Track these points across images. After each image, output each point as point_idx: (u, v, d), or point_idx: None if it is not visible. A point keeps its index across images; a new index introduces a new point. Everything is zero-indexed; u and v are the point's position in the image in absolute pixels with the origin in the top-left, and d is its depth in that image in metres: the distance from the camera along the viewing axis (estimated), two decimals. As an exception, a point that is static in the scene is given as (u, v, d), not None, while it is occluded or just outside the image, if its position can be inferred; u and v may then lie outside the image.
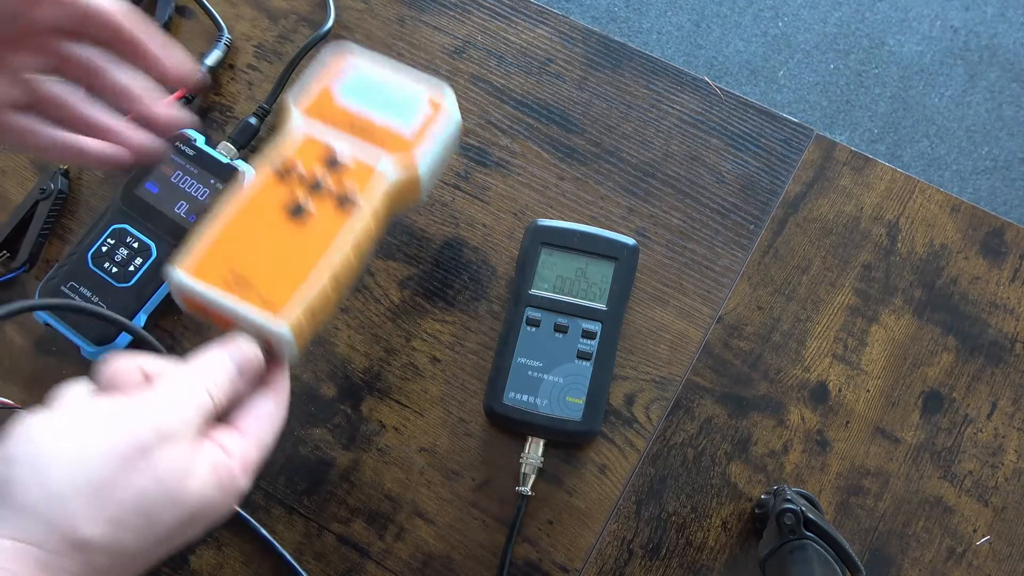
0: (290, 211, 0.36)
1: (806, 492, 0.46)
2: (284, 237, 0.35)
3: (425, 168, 0.39)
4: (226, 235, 0.35)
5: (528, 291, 0.47)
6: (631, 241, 0.48)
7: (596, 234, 0.48)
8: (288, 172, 0.37)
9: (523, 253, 0.48)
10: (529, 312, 0.47)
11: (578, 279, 0.47)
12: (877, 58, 1.63)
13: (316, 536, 0.47)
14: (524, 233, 0.49)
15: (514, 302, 0.47)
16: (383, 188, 0.37)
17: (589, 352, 0.46)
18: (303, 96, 0.40)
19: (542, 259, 0.48)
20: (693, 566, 0.45)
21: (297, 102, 0.40)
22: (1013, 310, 0.49)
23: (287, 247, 0.35)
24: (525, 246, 0.48)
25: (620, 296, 0.47)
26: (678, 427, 0.48)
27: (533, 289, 0.47)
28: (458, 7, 0.57)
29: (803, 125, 0.53)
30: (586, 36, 0.56)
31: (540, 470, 0.46)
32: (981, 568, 0.44)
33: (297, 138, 0.38)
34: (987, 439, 0.47)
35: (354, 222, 0.36)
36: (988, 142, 1.56)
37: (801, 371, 0.48)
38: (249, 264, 0.34)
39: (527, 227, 0.49)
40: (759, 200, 0.52)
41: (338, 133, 0.39)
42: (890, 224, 0.51)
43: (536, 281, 0.47)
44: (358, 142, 0.38)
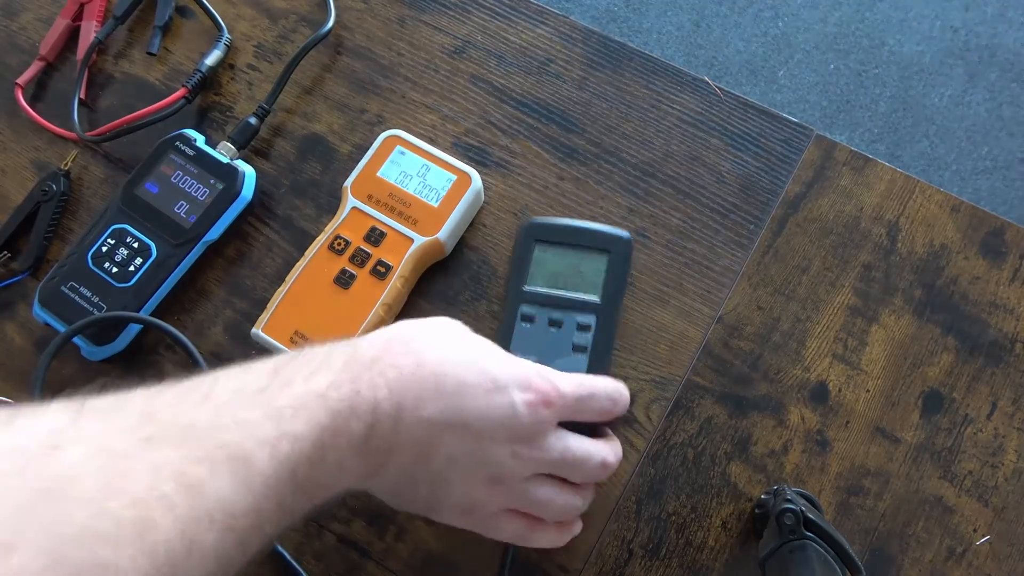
0: (338, 279, 0.48)
1: (806, 492, 0.46)
2: (333, 301, 0.48)
3: (447, 234, 0.49)
4: (289, 299, 0.48)
5: (522, 288, 0.47)
6: (624, 233, 0.48)
7: (588, 228, 0.48)
8: (337, 245, 0.49)
9: (517, 251, 0.48)
10: (523, 308, 0.47)
11: (572, 274, 0.47)
12: (877, 58, 1.63)
13: (316, 536, 0.47)
14: (518, 231, 0.49)
15: (509, 300, 0.47)
16: (413, 254, 0.48)
17: (584, 345, 0.46)
18: (353, 177, 0.50)
19: (535, 256, 0.48)
20: (693, 566, 0.45)
21: (349, 183, 0.50)
22: (1013, 310, 0.49)
23: (335, 310, 0.47)
24: (519, 244, 0.48)
25: (615, 288, 0.47)
26: (678, 427, 0.48)
27: (527, 286, 0.47)
28: (458, 7, 0.57)
29: (803, 125, 0.53)
30: (586, 36, 0.56)
31: (540, 470, 0.46)
32: (981, 568, 0.45)
33: (346, 214, 0.49)
34: (987, 439, 0.47)
35: (387, 287, 0.48)
36: (988, 142, 1.56)
37: (801, 371, 0.48)
38: (307, 324, 0.47)
39: (520, 225, 0.49)
40: (759, 200, 0.52)
41: (379, 209, 0.49)
42: (890, 224, 0.51)
43: (530, 278, 0.47)
44: (394, 216, 0.49)
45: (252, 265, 0.52)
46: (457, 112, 0.55)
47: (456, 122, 0.55)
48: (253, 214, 0.53)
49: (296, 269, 0.49)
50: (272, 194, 0.54)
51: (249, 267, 0.52)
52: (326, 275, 0.48)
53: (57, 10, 0.60)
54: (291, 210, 0.53)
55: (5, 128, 0.58)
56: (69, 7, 0.60)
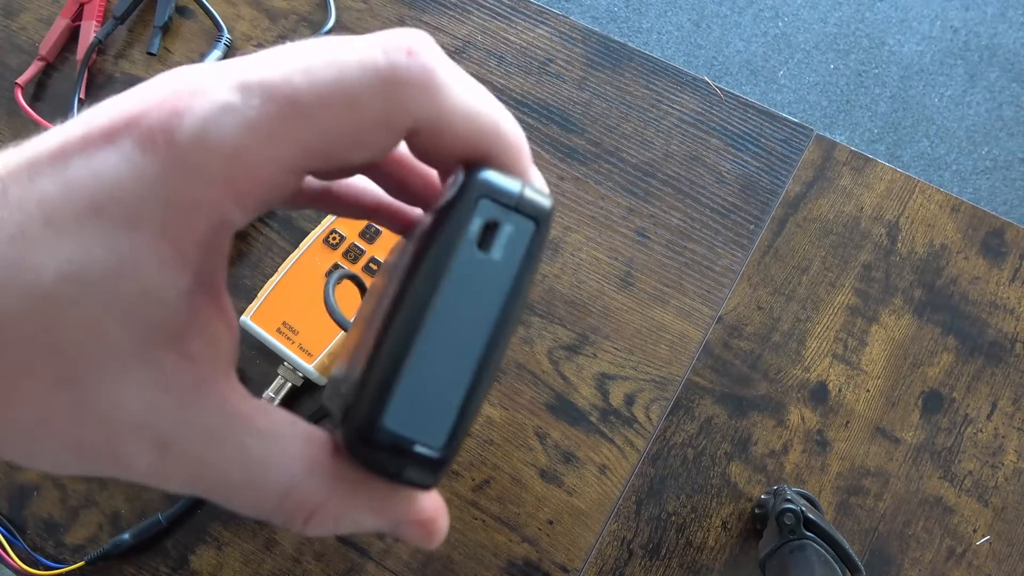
0: (329, 273, 0.47)
1: (806, 492, 0.46)
2: (322, 295, 0.45)
3: None
4: (279, 290, 0.48)
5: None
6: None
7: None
8: (332, 239, 0.48)
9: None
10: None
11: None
12: (877, 58, 1.63)
13: (316, 536, 0.47)
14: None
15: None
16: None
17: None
18: None
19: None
20: (693, 566, 0.45)
21: None
22: (1013, 310, 0.49)
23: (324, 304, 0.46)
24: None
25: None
26: (678, 427, 0.48)
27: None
28: (458, 7, 0.57)
29: (803, 125, 0.53)
30: (586, 36, 0.56)
31: (541, 470, 0.46)
32: (981, 568, 0.44)
33: None
34: (987, 439, 0.47)
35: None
36: (988, 142, 1.56)
37: (801, 371, 0.48)
38: (295, 316, 0.47)
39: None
40: (759, 200, 0.52)
41: None
42: (890, 224, 0.51)
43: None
44: None
45: (252, 265, 0.52)
46: (457, 112, 0.55)
47: (456, 122, 0.55)
48: (253, 214, 0.53)
49: (289, 260, 0.49)
50: (272, 194, 0.54)
51: (249, 267, 0.52)
52: (318, 268, 0.48)
53: (57, 10, 0.60)
54: (291, 210, 0.53)
55: (5, 128, 0.58)
56: (69, 7, 0.59)
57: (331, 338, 0.47)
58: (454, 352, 0.16)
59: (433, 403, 0.16)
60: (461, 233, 0.16)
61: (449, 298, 0.16)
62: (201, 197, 0.15)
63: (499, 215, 0.17)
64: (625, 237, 0.51)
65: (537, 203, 0.17)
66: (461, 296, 0.16)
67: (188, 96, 0.15)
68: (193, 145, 0.15)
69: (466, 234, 0.16)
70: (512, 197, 0.17)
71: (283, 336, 0.47)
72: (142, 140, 0.15)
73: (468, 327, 0.16)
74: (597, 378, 0.48)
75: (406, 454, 0.16)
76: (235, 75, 0.16)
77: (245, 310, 0.48)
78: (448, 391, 0.16)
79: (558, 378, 0.49)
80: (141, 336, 0.15)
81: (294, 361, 0.46)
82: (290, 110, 0.15)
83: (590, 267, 0.51)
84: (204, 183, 0.15)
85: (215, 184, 0.15)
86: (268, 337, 0.47)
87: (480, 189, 0.17)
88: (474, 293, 0.16)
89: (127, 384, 0.15)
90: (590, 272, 0.50)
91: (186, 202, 0.15)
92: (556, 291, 0.50)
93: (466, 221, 0.16)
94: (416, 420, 0.16)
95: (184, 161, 0.15)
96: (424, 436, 0.16)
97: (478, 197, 0.17)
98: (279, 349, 0.47)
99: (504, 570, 0.45)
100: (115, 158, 0.15)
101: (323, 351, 0.47)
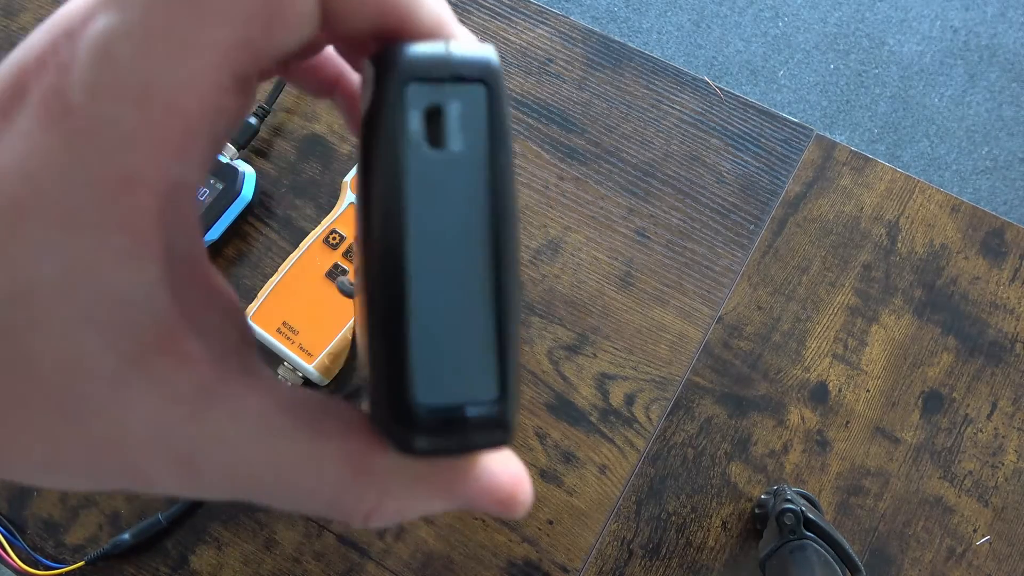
0: (330, 274, 0.47)
1: (806, 492, 0.46)
2: (323, 295, 0.47)
3: None
4: (279, 290, 0.47)
5: None
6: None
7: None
8: (332, 239, 0.48)
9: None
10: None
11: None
12: (877, 58, 1.63)
13: (316, 536, 0.47)
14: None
15: None
16: None
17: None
18: (354, 172, 0.48)
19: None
20: (693, 566, 0.45)
21: (349, 179, 0.49)
22: (1013, 310, 0.49)
23: (324, 304, 0.46)
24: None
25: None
26: (678, 427, 0.48)
27: None
28: (458, 7, 0.57)
29: (803, 125, 0.53)
30: (586, 36, 0.56)
31: (541, 470, 0.46)
32: (981, 568, 0.44)
33: (343, 209, 0.48)
34: (987, 439, 0.47)
35: None
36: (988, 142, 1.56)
37: (801, 371, 0.48)
38: (295, 316, 0.47)
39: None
40: (759, 200, 0.52)
41: None
42: (890, 224, 0.51)
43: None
44: None
45: (252, 265, 0.52)
46: (457, 112, 0.55)
47: (456, 122, 0.55)
48: (253, 214, 0.53)
49: (289, 260, 0.49)
50: (272, 194, 0.54)
51: (249, 267, 0.52)
52: (318, 268, 0.48)
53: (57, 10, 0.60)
54: (291, 210, 0.53)
55: (5, 128, 0.58)
56: (69, 7, 0.59)
57: (331, 338, 0.47)
58: (457, 282, 0.13)
59: (462, 350, 0.13)
60: (400, 138, 0.13)
61: (423, 223, 0.13)
62: (132, 165, 0.12)
63: (437, 96, 0.13)
64: (625, 237, 0.51)
65: (475, 60, 0.13)
66: (435, 213, 0.13)
67: (65, 41, 0.12)
68: (93, 104, 0.12)
69: (407, 137, 0.13)
70: (443, 65, 0.13)
71: (283, 336, 0.47)
72: (38, 115, 0.12)
73: (460, 247, 0.13)
74: (597, 378, 0.48)
75: (461, 423, 0.13)
76: None
77: (244, 310, 0.48)
78: (472, 328, 0.13)
79: (558, 378, 0.49)
80: (125, 348, 0.13)
81: (294, 361, 0.46)
82: (183, 0, 0.12)
83: (590, 267, 0.51)
84: (127, 146, 0.12)
85: (141, 143, 0.12)
86: (268, 337, 0.47)
87: (401, 73, 0.13)
88: (449, 203, 0.13)
89: (128, 404, 0.13)
90: (590, 272, 0.50)
91: (117, 177, 0.12)
92: (556, 291, 0.50)
93: (400, 121, 0.13)
94: (453, 379, 0.13)
95: (93, 128, 0.12)
96: (471, 392, 0.13)
97: (402, 83, 0.13)
98: (279, 349, 0.47)
99: (504, 570, 0.45)
100: (18, 144, 0.12)
101: (323, 351, 0.47)
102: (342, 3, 0.13)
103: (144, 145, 0.12)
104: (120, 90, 0.12)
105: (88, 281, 0.12)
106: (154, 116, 0.12)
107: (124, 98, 0.12)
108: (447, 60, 0.13)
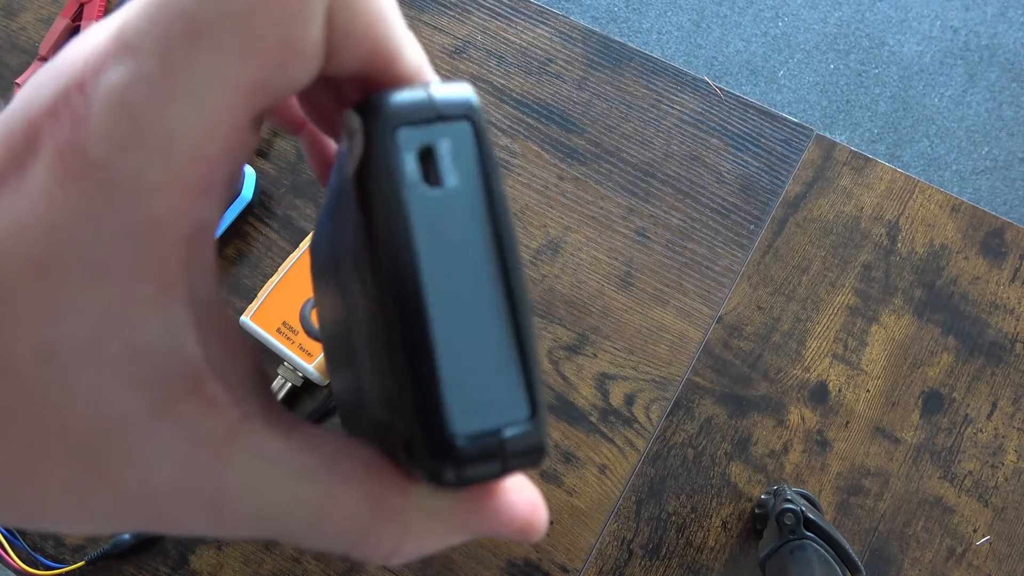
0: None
1: (806, 492, 0.46)
2: None
3: None
4: (279, 290, 0.48)
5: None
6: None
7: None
8: None
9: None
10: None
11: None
12: (877, 58, 1.63)
13: (316, 536, 0.47)
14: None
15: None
16: None
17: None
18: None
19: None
20: (693, 566, 0.45)
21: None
22: (1013, 310, 0.49)
23: None
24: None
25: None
26: (678, 427, 0.48)
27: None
28: (458, 7, 0.57)
29: (803, 125, 0.53)
30: (586, 36, 0.56)
31: (541, 470, 0.46)
32: (981, 568, 0.44)
33: None
34: (987, 439, 0.47)
35: None
36: (988, 142, 1.56)
37: (801, 371, 0.48)
38: (295, 316, 0.47)
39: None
40: (759, 200, 0.52)
41: None
42: (890, 224, 0.51)
43: None
44: None
45: (252, 265, 0.52)
46: (457, 112, 0.55)
47: (456, 122, 0.55)
48: (253, 214, 0.53)
49: (289, 261, 0.49)
50: (272, 194, 0.54)
51: (249, 267, 0.52)
52: None
53: (57, 10, 0.60)
54: (291, 210, 0.53)
55: (5, 128, 0.58)
56: (69, 7, 0.59)
57: None
58: (474, 309, 0.13)
59: (489, 375, 0.13)
60: (399, 181, 0.13)
61: (433, 257, 0.13)
62: (157, 214, 0.12)
63: (427, 136, 0.13)
64: (625, 237, 0.51)
65: (457, 99, 0.14)
66: (443, 247, 0.13)
67: (77, 92, 0.12)
68: (115, 157, 0.12)
69: (405, 179, 0.13)
70: (428, 108, 0.13)
71: (283, 336, 0.47)
72: (55, 170, 0.12)
73: (471, 275, 0.13)
74: (597, 378, 0.48)
75: (499, 446, 0.13)
76: (113, 37, 0.12)
77: (245, 310, 0.48)
78: (495, 353, 0.13)
79: (558, 378, 0.49)
80: (153, 397, 0.13)
81: (294, 361, 0.47)
82: (199, 43, 0.12)
83: (590, 267, 0.51)
84: (152, 196, 0.12)
85: (165, 192, 0.12)
86: (268, 337, 0.47)
87: (390, 119, 0.13)
88: (454, 235, 0.13)
89: (156, 452, 0.13)
90: (590, 272, 0.50)
91: (142, 227, 0.12)
92: (556, 291, 0.50)
93: (396, 164, 0.13)
94: (484, 405, 0.13)
95: (116, 181, 0.12)
96: (505, 415, 0.13)
97: (393, 129, 0.13)
98: (279, 349, 0.47)
99: (504, 570, 0.46)
100: (35, 199, 0.12)
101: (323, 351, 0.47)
102: (341, 41, 0.13)
103: (169, 194, 0.12)
104: (142, 142, 0.12)
105: (116, 335, 0.12)
106: (178, 164, 0.12)
107: (147, 149, 0.12)
108: (431, 103, 0.13)
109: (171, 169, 0.12)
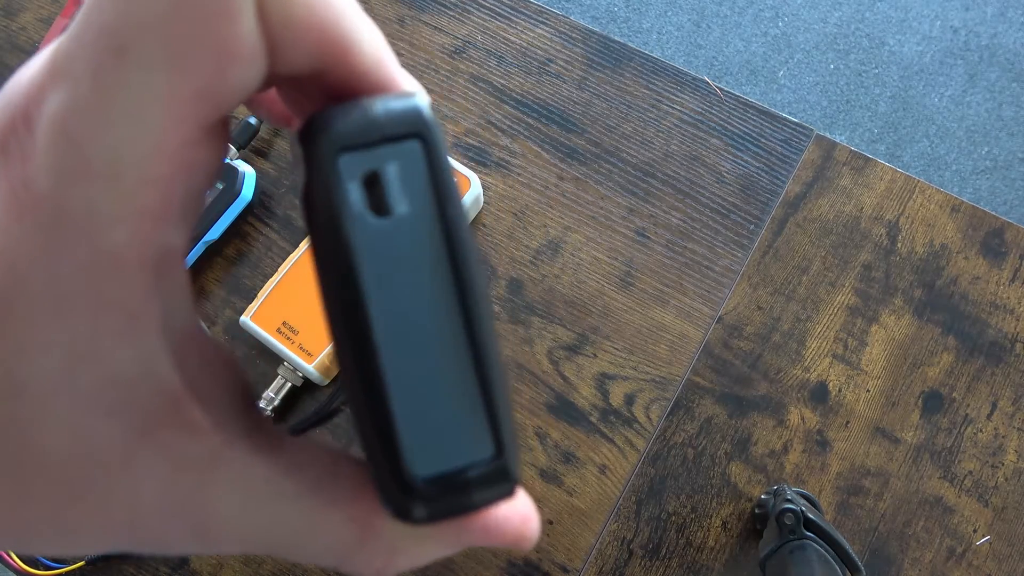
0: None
1: (806, 492, 0.46)
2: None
3: None
4: (279, 290, 0.48)
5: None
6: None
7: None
8: None
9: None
10: None
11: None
12: (877, 58, 1.63)
13: (316, 536, 0.47)
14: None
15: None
16: None
17: None
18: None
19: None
20: (693, 566, 0.45)
21: None
22: (1013, 310, 0.49)
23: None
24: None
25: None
26: (678, 427, 0.48)
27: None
28: (458, 7, 0.57)
29: (803, 125, 0.53)
30: (586, 36, 0.56)
31: (541, 470, 0.46)
32: (981, 568, 0.44)
33: None
34: (987, 439, 0.47)
35: None
36: (988, 142, 1.56)
37: (801, 371, 0.48)
38: (295, 316, 0.47)
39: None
40: (759, 200, 0.52)
41: None
42: (890, 224, 0.51)
43: None
44: None
45: (252, 265, 0.52)
46: (457, 112, 0.55)
47: (456, 122, 0.55)
48: (253, 214, 0.53)
49: (289, 260, 0.49)
50: (272, 194, 0.54)
51: (249, 267, 0.52)
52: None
53: (57, 10, 0.60)
54: (291, 210, 0.53)
55: (5, 128, 0.58)
56: (69, 7, 0.59)
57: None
58: (430, 347, 0.13)
59: (449, 414, 0.13)
60: (342, 213, 0.12)
61: (381, 292, 0.12)
62: (114, 243, 0.12)
63: (371, 161, 0.12)
64: (625, 237, 0.51)
65: (404, 113, 0.12)
66: (394, 284, 0.12)
67: (23, 125, 0.12)
68: (62, 190, 0.11)
69: (348, 210, 0.12)
70: (371, 128, 0.12)
71: (283, 336, 0.47)
72: (10, 205, 0.11)
73: (426, 311, 0.12)
74: (597, 378, 0.48)
75: (462, 487, 0.13)
76: (48, 63, 0.12)
77: (245, 310, 0.48)
78: (455, 390, 0.13)
79: (558, 378, 0.49)
80: (132, 424, 0.13)
81: (294, 361, 0.47)
82: (127, 60, 0.11)
83: (590, 267, 0.51)
84: (106, 226, 0.11)
85: (119, 220, 0.11)
86: (268, 337, 0.47)
87: (329, 145, 0.12)
88: (406, 269, 0.12)
89: (138, 479, 0.13)
90: (590, 272, 0.50)
91: (103, 260, 0.12)
92: (556, 291, 0.50)
93: (338, 195, 0.12)
94: (445, 445, 0.13)
95: (67, 214, 0.11)
96: (467, 455, 0.13)
97: (334, 156, 0.12)
98: (279, 349, 0.47)
99: (504, 570, 0.46)
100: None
101: (323, 351, 0.47)
102: (281, 35, 0.12)
103: (125, 222, 0.12)
104: (89, 171, 0.11)
105: (87, 367, 0.12)
106: (129, 191, 0.11)
107: (94, 179, 0.11)
108: (374, 121, 0.12)
109: (123, 197, 0.11)
